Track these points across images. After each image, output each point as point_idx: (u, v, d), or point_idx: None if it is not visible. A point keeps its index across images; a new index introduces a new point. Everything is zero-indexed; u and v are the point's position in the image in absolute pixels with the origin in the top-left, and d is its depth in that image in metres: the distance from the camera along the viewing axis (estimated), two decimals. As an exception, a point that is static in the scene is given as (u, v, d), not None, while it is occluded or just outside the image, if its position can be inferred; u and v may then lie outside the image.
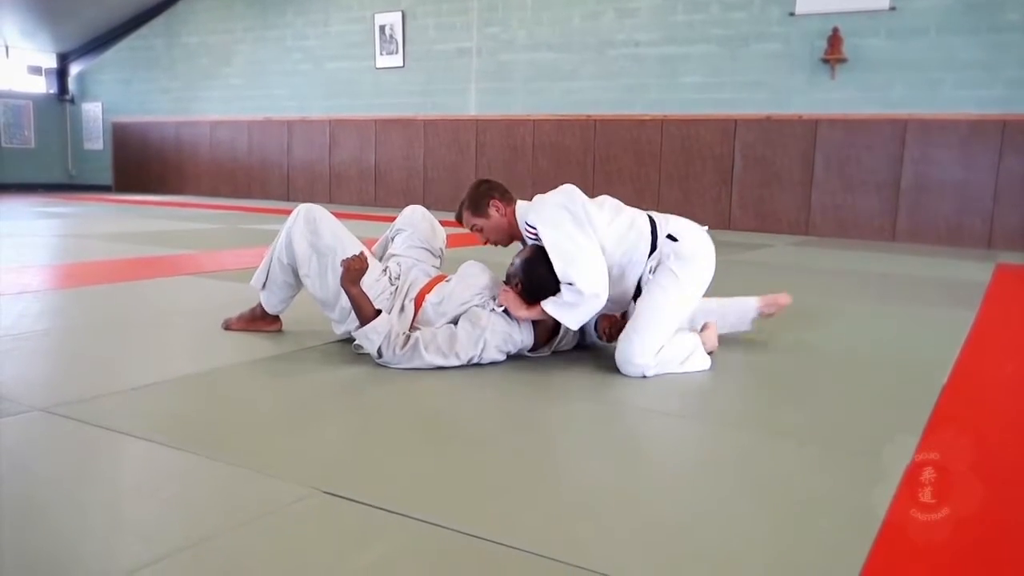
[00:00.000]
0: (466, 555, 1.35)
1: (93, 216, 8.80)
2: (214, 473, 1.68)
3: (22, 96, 14.05)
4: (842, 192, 8.33)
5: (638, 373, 2.50)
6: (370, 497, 1.54)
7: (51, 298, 3.76)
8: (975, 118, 7.66)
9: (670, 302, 2.56)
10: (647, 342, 2.50)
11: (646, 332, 2.50)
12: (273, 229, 7.53)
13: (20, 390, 2.20)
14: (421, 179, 11.02)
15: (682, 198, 9.03)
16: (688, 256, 2.60)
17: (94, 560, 1.31)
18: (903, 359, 2.95)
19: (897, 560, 1.38)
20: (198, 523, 1.44)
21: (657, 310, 2.54)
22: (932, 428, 2.07)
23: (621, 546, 1.40)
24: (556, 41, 9.85)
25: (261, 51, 12.31)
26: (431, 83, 10.82)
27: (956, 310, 3.98)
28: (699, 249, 2.65)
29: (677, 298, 2.57)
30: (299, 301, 3.00)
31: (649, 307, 2.55)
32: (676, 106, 9.11)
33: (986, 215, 7.75)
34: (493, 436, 2.05)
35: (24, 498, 1.54)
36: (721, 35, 8.80)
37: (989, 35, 7.55)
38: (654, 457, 1.94)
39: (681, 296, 2.58)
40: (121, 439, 1.86)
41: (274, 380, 2.36)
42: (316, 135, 11.89)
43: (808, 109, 8.40)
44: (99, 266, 4.88)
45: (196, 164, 13.22)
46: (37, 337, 2.93)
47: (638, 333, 2.50)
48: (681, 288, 2.57)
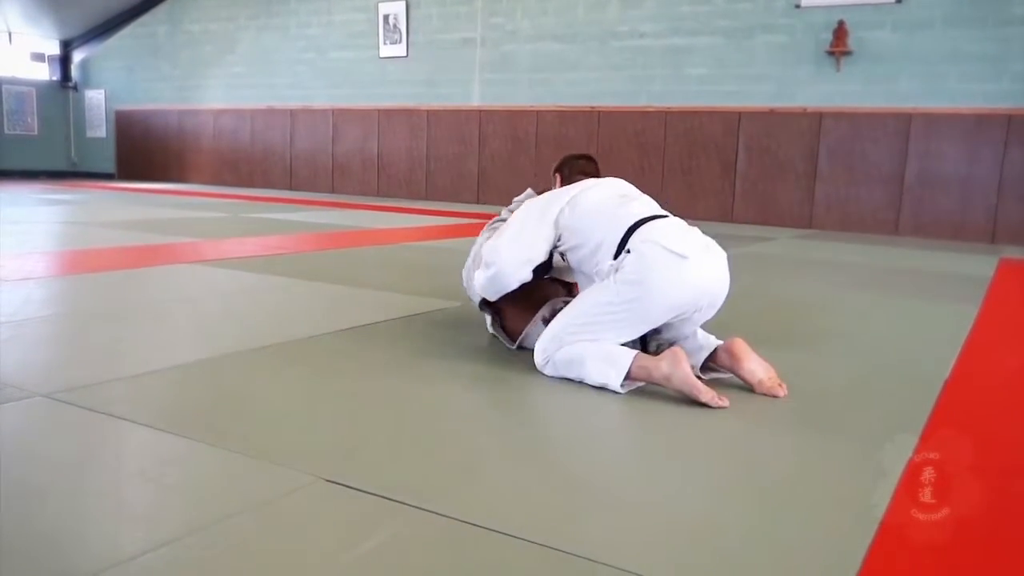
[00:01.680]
0: (467, 543, 1.35)
1: (96, 204, 8.80)
2: (216, 460, 1.68)
3: (25, 83, 14.04)
4: (846, 185, 8.31)
5: (538, 363, 2.38)
6: (372, 485, 1.54)
7: (54, 285, 3.76)
8: (980, 112, 7.64)
9: (592, 304, 2.33)
10: (550, 330, 2.37)
11: (556, 322, 2.38)
12: (275, 218, 7.56)
13: (23, 376, 2.21)
14: (424, 169, 11.01)
15: (685, 190, 9.01)
16: (628, 279, 2.26)
17: (96, 545, 1.31)
18: (905, 354, 2.95)
19: (895, 557, 1.38)
20: (200, 510, 1.45)
21: (576, 304, 2.40)
22: (933, 424, 2.07)
23: (616, 536, 1.40)
24: (560, 32, 9.82)
25: (264, 39, 12.28)
26: (434, 73, 10.80)
27: (959, 305, 3.98)
28: (646, 277, 2.24)
29: (602, 307, 2.30)
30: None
31: (574, 301, 2.45)
32: (680, 98, 9.09)
33: (990, 209, 7.73)
34: (494, 427, 2.06)
35: (26, 484, 1.55)
36: (726, 27, 8.77)
37: (995, 29, 7.52)
38: (646, 449, 1.94)
39: (608, 309, 2.28)
40: (124, 425, 1.86)
41: (276, 368, 2.36)
42: (319, 124, 11.87)
43: (813, 102, 8.37)
44: (102, 253, 4.88)
45: (199, 152, 13.21)
46: (40, 324, 2.93)
47: (554, 321, 2.41)
48: (610, 301, 2.28)
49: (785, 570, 1.30)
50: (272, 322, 2.99)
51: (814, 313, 3.44)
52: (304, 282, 3.91)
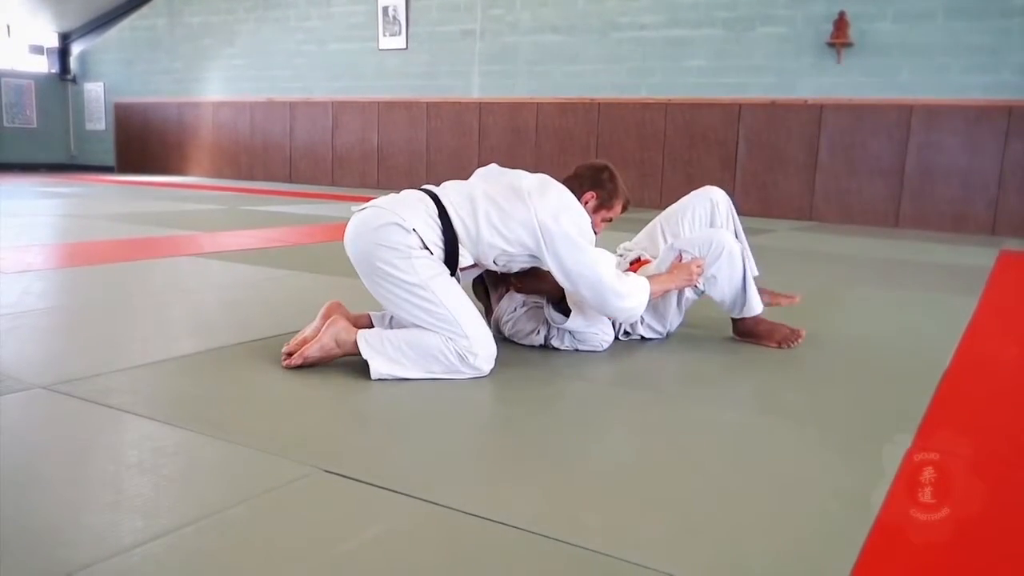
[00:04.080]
0: (465, 533, 1.35)
1: (95, 196, 8.79)
2: (215, 451, 1.68)
3: (24, 75, 14.01)
4: (846, 177, 8.30)
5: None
6: (370, 476, 1.54)
7: (53, 277, 3.76)
8: (981, 104, 7.62)
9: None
10: None
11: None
12: (274, 211, 7.55)
13: (22, 368, 2.21)
14: (424, 162, 10.99)
15: (685, 182, 8.99)
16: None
17: (95, 536, 1.31)
18: (904, 345, 2.95)
19: (890, 553, 1.38)
20: (199, 500, 1.45)
21: None
22: (930, 418, 2.07)
23: (613, 528, 1.40)
24: (560, 23, 9.79)
25: (264, 32, 12.25)
26: (434, 65, 10.77)
27: (958, 296, 3.98)
28: None
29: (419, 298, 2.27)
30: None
31: None
32: (680, 90, 9.07)
33: (990, 201, 7.72)
34: (495, 417, 2.06)
35: (26, 474, 1.55)
36: (726, 18, 8.74)
37: (997, 20, 7.49)
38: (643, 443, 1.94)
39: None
40: (123, 417, 1.86)
41: (276, 360, 2.36)
42: (319, 117, 11.85)
43: (813, 93, 8.35)
44: (101, 246, 4.88)
45: (198, 145, 13.19)
46: (39, 315, 2.93)
47: None
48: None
49: (780, 565, 1.30)
50: (271, 314, 2.98)
51: (813, 305, 3.43)
52: (303, 274, 3.90)
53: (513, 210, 2.30)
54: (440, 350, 2.21)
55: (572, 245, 2.29)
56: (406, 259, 2.23)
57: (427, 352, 2.22)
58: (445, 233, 2.29)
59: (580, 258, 2.29)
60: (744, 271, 2.68)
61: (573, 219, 2.33)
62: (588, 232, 2.36)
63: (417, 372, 2.22)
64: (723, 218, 2.95)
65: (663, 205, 3.40)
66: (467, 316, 2.26)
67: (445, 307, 2.23)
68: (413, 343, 2.23)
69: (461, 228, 2.30)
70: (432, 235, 2.28)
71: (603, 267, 2.32)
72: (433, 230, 2.28)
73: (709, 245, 2.64)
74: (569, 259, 2.29)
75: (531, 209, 2.28)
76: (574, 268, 2.30)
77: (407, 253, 2.23)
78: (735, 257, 2.65)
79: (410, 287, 2.23)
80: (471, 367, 2.23)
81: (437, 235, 2.28)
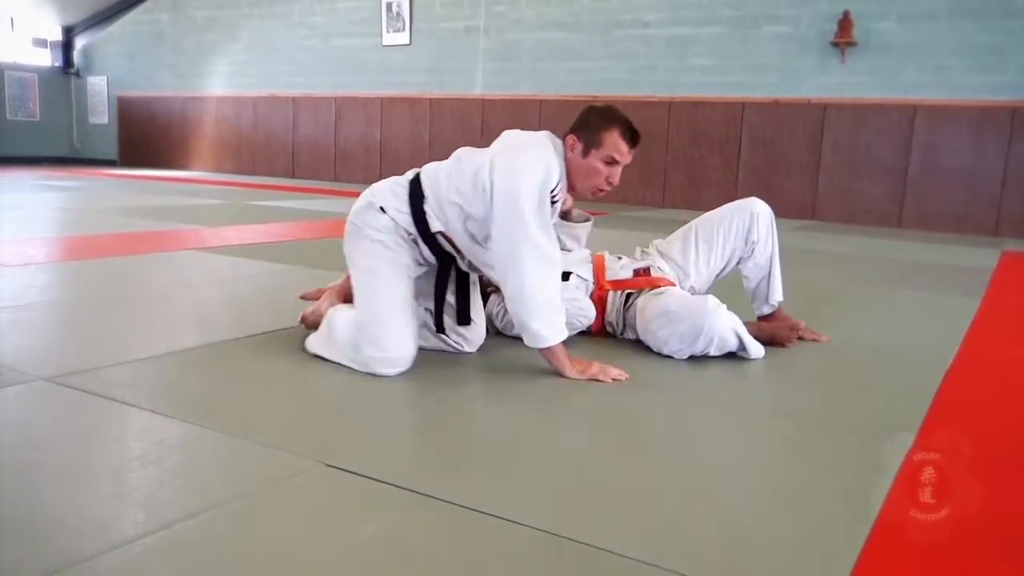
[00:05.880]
0: (467, 529, 1.35)
1: (98, 190, 8.80)
2: (217, 444, 1.68)
3: (27, 69, 14.00)
4: (849, 177, 8.28)
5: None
6: (372, 470, 1.54)
7: (56, 270, 3.77)
8: (985, 104, 7.60)
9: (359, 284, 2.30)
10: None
11: None
12: (277, 206, 7.55)
13: (25, 360, 2.21)
14: (426, 158, 10.85)
15: (688, 180, 8.99)
16: None
17: (97, 528, 1.31)
18: (905, 345, 2.95)
19: (891, 552, 1.38)
20: (201, 493, 1.45)
21: None
22: (932, 418, 2.07)
23: (613, 525, 1.40)
24: (564, 20, 9.77)
25: (268, 27, 12.24)
26: (438, 61, 10.76)
27: (961, 296, 3.97)
28: None
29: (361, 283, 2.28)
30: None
31: None
32: (684, 88, 9.05)
33: (994, 202, 7.70)
34: (495, 413, 2.06)
35: (28, 466, 1.55)
36: (731, 16, 8.72)
37: (1001, 21, 7.48)
38: (642, 441, 1.94)
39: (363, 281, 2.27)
40: (125, 409, 1.87)
41: (278, 354, 2.36)
42: (322, 112, 11.84)
43: (817, 93, 8.33)
44: (104, 239, 4.88)
45: (201, 139, 13.19)
46: (42, 308, 2.94)
47: None
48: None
49: (781, 564, 1.30)
50: (273, 308, 2.99)
51: (815, 304, 3.43)
52: (305, 269, 3.91)
53: (473, 157, 2.26)
54: (345, 339, 2.21)
55: (511, 212, 2.08)
56: (361, 239, 2.27)
57: (337, 337, 2.24)
58: (412, 196, 2.24)
59: (511, 227, 2.09)
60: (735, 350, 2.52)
61: (525, 184, 2.10)
62: (541, 209, 2.14)
63: (332, 355, 2.26)
64: (762, 233, 2.79)
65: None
66: (383, 313, 2.17)
67: (365, 296, 2.22)
68: (332, 324, 2.27)
69: (428, 185, 2.26)
70: (395, 200, 2.25)
71: (532, 257, 2.10)
72: (398, 196, 2.26)
73: (701, 325, 2.44)
74: (500, 220, 2.11)
75: (487, 155, 2.22)
76: (499, 235, 2.12)
77: (364, 233, 2.26)
78: (726, 342, 2.48)
79: (356, 268, 2.29)
80: (364, 365, 2.16)
81: (403, 200, 2.25)
